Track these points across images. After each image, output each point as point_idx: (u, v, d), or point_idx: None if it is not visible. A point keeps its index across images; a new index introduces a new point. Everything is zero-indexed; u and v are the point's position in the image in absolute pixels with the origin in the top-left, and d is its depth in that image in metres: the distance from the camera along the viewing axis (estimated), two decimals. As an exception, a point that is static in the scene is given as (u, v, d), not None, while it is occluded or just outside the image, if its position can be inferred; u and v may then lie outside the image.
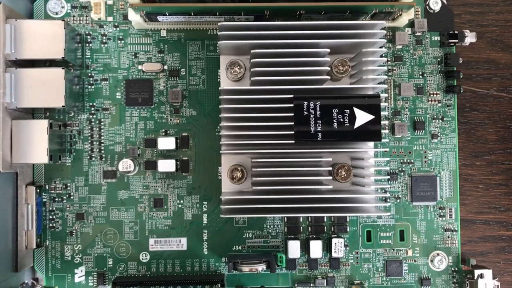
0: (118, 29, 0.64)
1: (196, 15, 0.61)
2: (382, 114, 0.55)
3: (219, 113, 0.58)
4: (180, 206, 0.64)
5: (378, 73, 0.58)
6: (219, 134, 0.62)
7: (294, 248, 0.63)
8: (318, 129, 0.55)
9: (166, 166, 0.63)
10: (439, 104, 0.66)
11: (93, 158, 0.64)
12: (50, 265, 0.63)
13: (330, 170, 0.60)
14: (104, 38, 0.64)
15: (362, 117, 0.55)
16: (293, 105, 0.55)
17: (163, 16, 0.61)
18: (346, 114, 0.55)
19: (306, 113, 0.55)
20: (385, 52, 0.58)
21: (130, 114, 0.64)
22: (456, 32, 0.65)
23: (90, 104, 0.64)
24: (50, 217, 0.63)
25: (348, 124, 0.55)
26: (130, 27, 0.64)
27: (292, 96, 0.55)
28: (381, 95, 0.55)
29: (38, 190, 0.62)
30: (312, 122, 0.55)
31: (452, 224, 0.65)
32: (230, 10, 0.59)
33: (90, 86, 0.64)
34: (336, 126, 0.55)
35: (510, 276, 0.68)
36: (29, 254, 0.62)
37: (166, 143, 0.63)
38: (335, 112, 0.55)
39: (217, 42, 0.64)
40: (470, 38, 0.65)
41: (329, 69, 0.58)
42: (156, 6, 0.58)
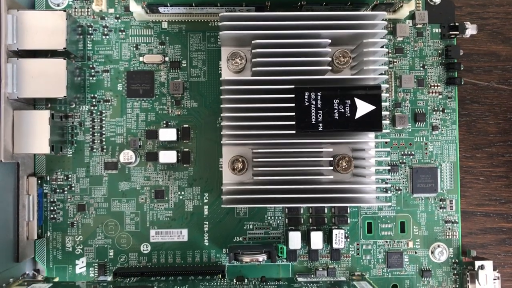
0: (120, 20, 0.64)
1: (197, 6, 0.61)
2: (383, 104, 0.55)
3: (220, 104, 0.58)
4: (181, 197, 0.64)
5: (379, 64, 0.58)
6: (220, 125, 0.62)
7: (295, 239, 0.63)
8: (319, 119, 0.55)
9: (167, 157, 0.63)
10: (440, 96, 0.66)
11: (94, 150, 0.64)
12: (51, 256, 0.64)
13: (330, 161, 0.60)
14: (105, 30, 0.64)
15: (363, 107, 0.55)
16: (294, 95, 0.55)
17: (165, 7, 0.61)
18: (347, 105, 0.55)
19: (307, 103, 0.55)
20: (386, 43, 0.58)
21: (131, 105, 0.64)
22: (457, 24, 0.65)
23: (92, 95, 0.64)
24: (51, 208, 0.63)
25: (349, 114, 0.55)
26: (132, 19, 0.64)
27: (293, 86, 0.55)
28: (382, 86, 0.55)
29: (40, 181, 0.62)
30: (313, 112, 0.55)
31: (452, 216, 0.65)
32: (231, 1, 0.59)
33: (91, 78, 0.64)
34: (337, 117, 0.55)
35: (511, 268, 0.68)
36: (30, 245, 0.62)
37: (167, 135, 0.63)
38: (336, 102, 0.55)
39: (218, 34, 0.64)
40: (471, 30, 0.65)
41: (330, 59, 0.58)
42: (157, -3, 0.58)
